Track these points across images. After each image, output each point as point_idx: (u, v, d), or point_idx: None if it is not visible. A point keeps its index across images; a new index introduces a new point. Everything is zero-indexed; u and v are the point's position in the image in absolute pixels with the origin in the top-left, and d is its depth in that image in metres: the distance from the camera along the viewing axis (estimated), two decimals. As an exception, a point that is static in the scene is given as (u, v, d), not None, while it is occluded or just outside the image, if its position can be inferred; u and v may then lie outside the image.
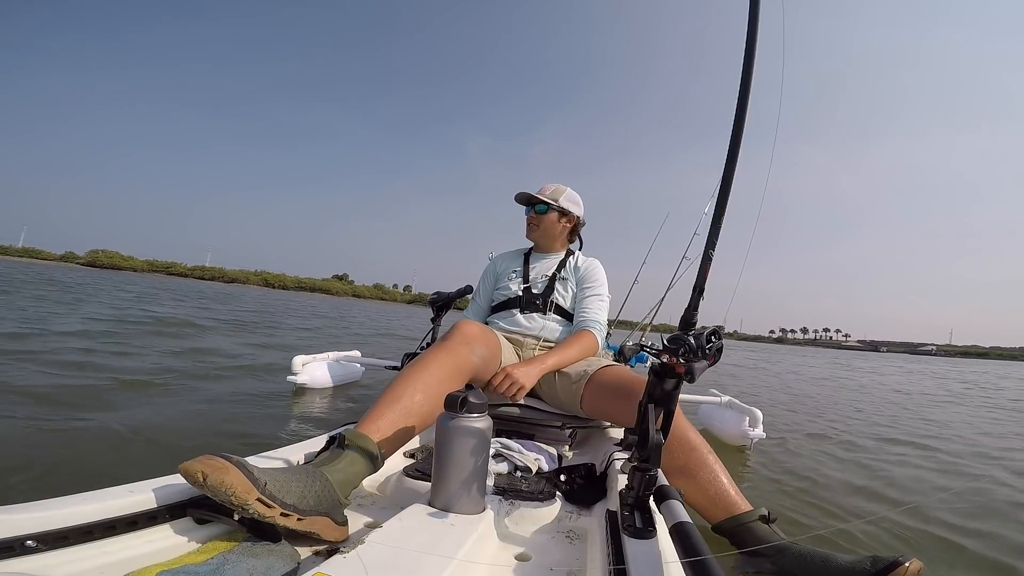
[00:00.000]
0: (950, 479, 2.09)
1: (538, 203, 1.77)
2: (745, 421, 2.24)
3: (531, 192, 1.78)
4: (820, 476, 1.94)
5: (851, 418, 3.72)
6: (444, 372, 1.12)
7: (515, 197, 1.82)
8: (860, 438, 2.86)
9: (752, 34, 0.80)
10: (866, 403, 4.82)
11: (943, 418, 4.07)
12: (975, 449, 2.78)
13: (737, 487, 1.11)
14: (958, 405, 5.25)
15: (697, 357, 0.74)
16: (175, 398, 2.25)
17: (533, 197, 1.77)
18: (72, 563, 0.61)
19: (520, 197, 1.81)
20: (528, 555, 0.81)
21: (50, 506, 0.63)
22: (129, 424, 1.76)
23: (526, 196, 1.79)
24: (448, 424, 0.80)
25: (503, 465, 1.12)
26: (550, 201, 1.75)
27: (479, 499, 0.83)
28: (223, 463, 0.67)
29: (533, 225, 1.80)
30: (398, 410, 0.99)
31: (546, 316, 1.69)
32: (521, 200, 1.81)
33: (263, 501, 0.68)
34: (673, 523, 0.68)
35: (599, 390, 1.36)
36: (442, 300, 2.06)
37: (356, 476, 0.86)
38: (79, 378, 2.42)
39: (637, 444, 0.78)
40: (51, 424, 1.66)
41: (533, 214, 1.79)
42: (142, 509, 0.70)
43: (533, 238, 1.83)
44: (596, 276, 1.75)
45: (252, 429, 1.92)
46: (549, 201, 1.75)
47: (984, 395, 6.78)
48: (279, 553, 0.70)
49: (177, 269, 78.36)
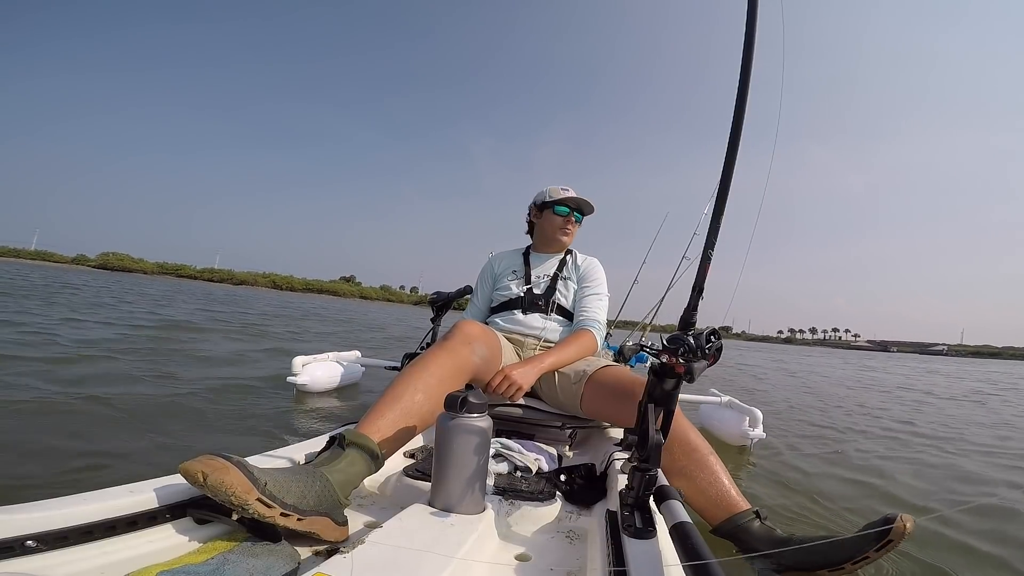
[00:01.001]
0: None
1: (583, 211, 1.76)
2: (745, 421, 2.23)
3: (579, 197, 1.74)
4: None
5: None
6: (445, 372, 1.12)
7: (559, 199, 1.73)
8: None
9: (750, 34, 0.80)
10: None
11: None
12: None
13: (737, 487, 1.11)
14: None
15: (696, 357, 0.74)
16: (175, 397, 2.25)
17: (584, 205, 1.74)
18: (72, 563, 0.61)
19: (569, 201, 1.73)
20: (528, 555, 0.81)
21: (50, 506, 0.63)
22: (129, 423, 1.76)
23: (578, 202, 1.74)
24: (448, 424, 0.80)
25: (503, 465, 1.12)
26: (591, 211, 1.76)
27: (479, 499, 0.83)
28: (223, 463, 0.67)
29: (569, 231, 1.76)
30: (399, 410, 0.99)
31: (548, 316, 1.69)
32: (569, 204, 1.74)
33: (263, 501, 0.68)
34: (673, 523, 0.68)
35: (598, 390, 1.36)
36: (442, 300, 2.06)
37: (357, 476, 0.86)
38: (80, 377, 2.43)
39: (637, 444, 0.78)
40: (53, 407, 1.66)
41: (572, 220, 1.76)
42: (142, 509, 0.70)
43: (558, 241, 1.78)
44: (596, 275, 1.75)
45: (252, 429, 1.93)
46: (591, 210, 1.76)
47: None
48: (279, 553, 0.70)
49: (187, 272, 78.39)
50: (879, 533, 0.92)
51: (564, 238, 1.77)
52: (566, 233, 1.76)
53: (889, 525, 0.91)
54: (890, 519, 0.92)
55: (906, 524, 0.91)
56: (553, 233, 1.77)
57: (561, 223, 1.75)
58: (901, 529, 0.91)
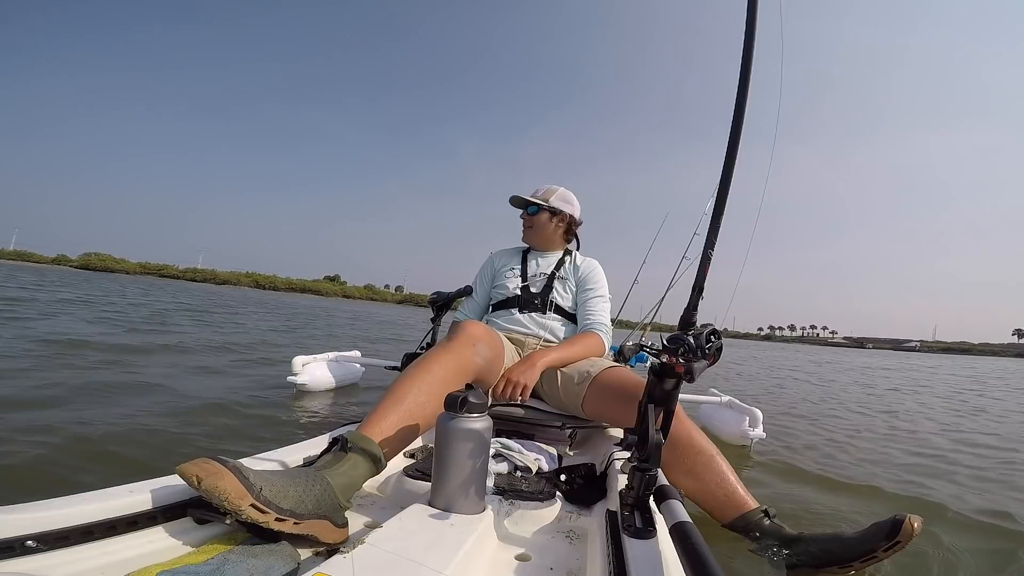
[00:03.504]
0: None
1: (529, 204, 1.81)
2: (745, 421, 2.24)
3: (524, 195, 1.83)
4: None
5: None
6: (447, 373, 1.11)
7: (510, 201, 1.86)
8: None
9: (750, 34, 0.80)
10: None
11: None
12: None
13: (744, 486, 1.13)
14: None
15: (696, 357, 0.74)
16: (175, 397, 2.25)
17: (525, 200, 1.82)
18: (72, 563, 0.61)
19: (514, 201, 1.85)
20: (528, 555, 0.81)
21: (50, 506, 0.63)
22: (128, 422, 1.76)
23: (520, 200, 1.84)
24: (448, 424, 0.80)
25: (503, 465, 1.12)
26: (539, 202, 1.79)
27: (479, 499, 0.83)
28: (218, 468, 0.67)
29: (527, 226, 1.84)
30: (401, 411, 0.98)
31: (546, 316, 1.69)
32: (516, 203, 1.85)
33: (256, 507, 0.67)
34: (673, 523, 0.68)
35: (601, 392, 1.36)
36: (442, 300, 2.06)
37: (359, 479, 0.85)
38: (77, 375, 2.43)
39: (637, 444, 0.78)
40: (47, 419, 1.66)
41: (526, 215, 1.83)
42: (142, 509, 0.70)
43: (528, 238, 1.86)
44: (598, 278, 1.76)
45: (252, 429, 1.92)
46: (539, 202, 1.79)
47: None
48: (279, 553, 0.70)
49: (169, 271, 78.37)
50: (888, 533, 0.92)
51: (526, 234, 1.85)
52: (526, 230, 1.84)
53: (898, 526, 0.91)
54: (899, 520, 0.92)
55: (914, 524, 0.91)
56: (523, 235, 1.87)
57: (522, 223, 1.85)
58: (910, 530, 0.91)
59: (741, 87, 0.79)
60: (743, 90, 0.79)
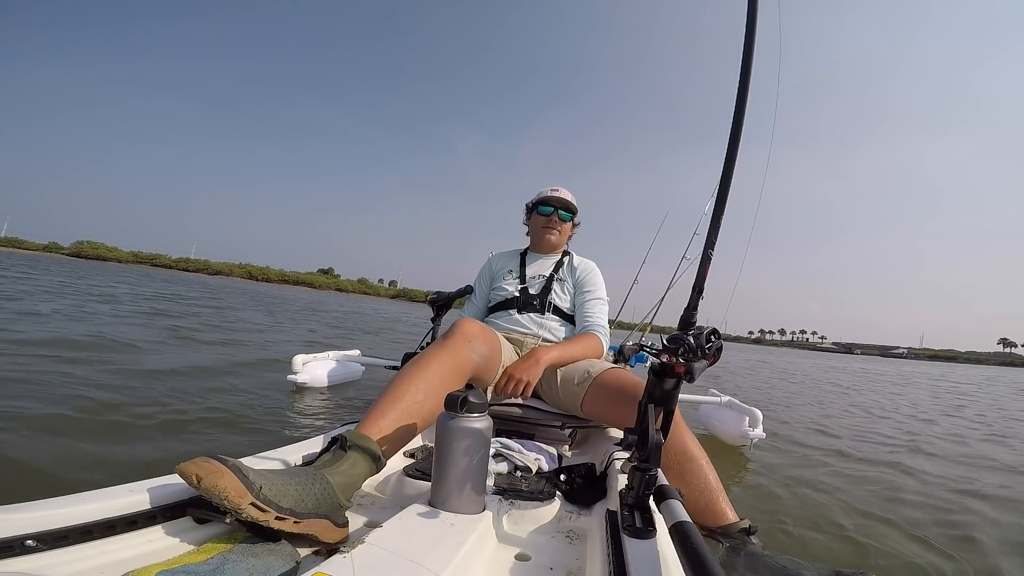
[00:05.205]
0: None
1: (568, 209, 1.76)
2: (745, 421, 2.24)
3: (563, 196, 1.75)
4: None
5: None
6: (445, 371, 1.12)
7: (543, 200, 1.76)
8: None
9: (750, 36, 0.80)
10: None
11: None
12: None
13: (728, 498, 1.14)
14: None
15: (697, 357, 0.74)
16: (175, 396, 2.25)
17: (568, 203, 1.75)
18: (72, 563, 0.61)
19: (553, 200, 1.75)
20: (528, 555, 0.81)
21: (50, 506, 0.63)
22: (128, 421, 1.76)
23: (562, 201, 1.75)
24: (448, 424, 0.80)
25: (503, 465, 1.12)
26: (576, 209, 1.75)
27: (479, 499, 0.83)
28: (218, 466, 0.67)
29: (553, 228, 1.77)
30: (400, 410, 0.99)
31: (544, 316, 1.69)
32: (555, 204, 1.76)
33: (256, 506, 0.67)
34: (673, 523, 0.68)
35: (601, 393, 1.36)
36: (442, 300, 2.06)
37: (358, 478, 0.85)
38: (78, 372, 2.42)
39: (637, 444, 0.78)
40: (41, 412, 1.66)
41: (557, 219, 1.77)
42: (142, 509, 0.70)
43: (548, 242, 1.80)
44: (596, 280, 1.76)
45: (252, 428, 1.92)
46: (576, 209, 1.75)
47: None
48: (279, 553, 0.70)
49: (162, 261, 78.00)
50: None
51: (550, 237, 1.78)
52: (551, 232, 1.77)
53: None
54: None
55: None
56: (539, 233, 1.80)
57: (544, 222, 1.78)
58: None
59: (741, 88, 0.79)
60: (743, 91, 0.79)
